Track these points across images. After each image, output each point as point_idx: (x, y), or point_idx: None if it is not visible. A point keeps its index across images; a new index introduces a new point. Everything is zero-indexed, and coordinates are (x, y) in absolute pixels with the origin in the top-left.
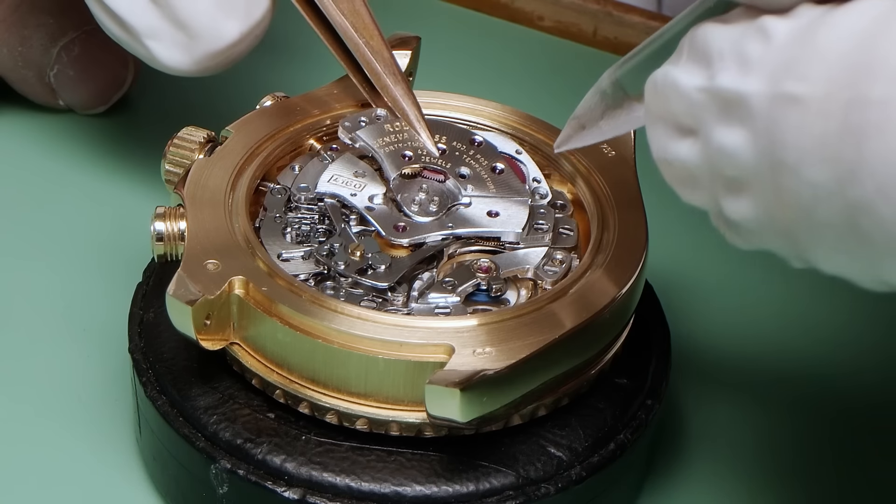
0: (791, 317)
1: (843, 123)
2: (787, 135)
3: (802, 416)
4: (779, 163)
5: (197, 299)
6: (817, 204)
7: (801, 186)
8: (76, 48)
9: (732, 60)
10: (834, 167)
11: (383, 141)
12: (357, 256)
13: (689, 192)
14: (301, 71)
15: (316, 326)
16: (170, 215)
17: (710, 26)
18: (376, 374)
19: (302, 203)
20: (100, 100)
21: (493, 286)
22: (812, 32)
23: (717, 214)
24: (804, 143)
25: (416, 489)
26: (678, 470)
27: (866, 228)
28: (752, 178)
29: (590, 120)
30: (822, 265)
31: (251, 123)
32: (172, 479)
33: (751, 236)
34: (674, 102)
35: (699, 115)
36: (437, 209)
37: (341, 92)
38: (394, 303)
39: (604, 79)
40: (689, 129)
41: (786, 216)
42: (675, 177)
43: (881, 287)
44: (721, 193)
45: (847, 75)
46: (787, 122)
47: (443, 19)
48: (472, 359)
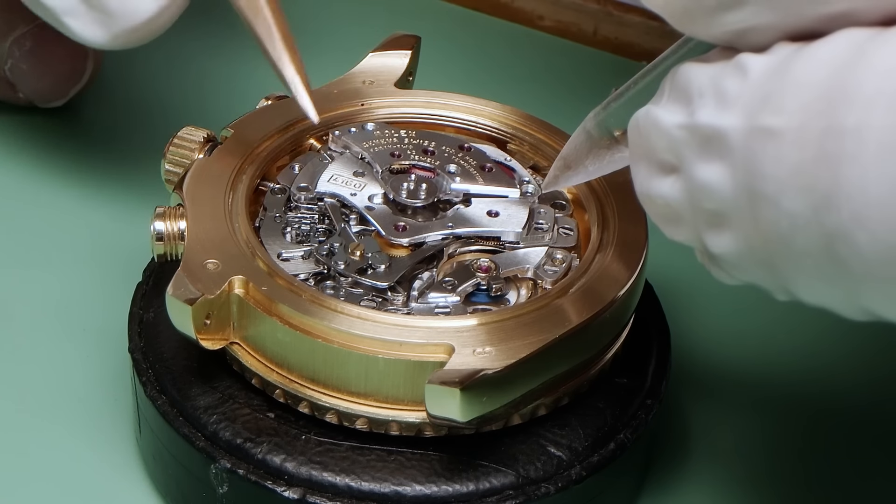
0: (792, 316)
1: (819, 153)
2: (765, 167)
3: (803, 416)
4: (757, 194)
5: (197, 299)
6: (795, 233)
7: (780, 217)
8: (28, 42)
9: (711, 97)
10: (810, 196)
11: (371, 143)
12: (357, 256)
13: (672, 228)
14: None
15: (316, 326)
16: (169, 215)
17: (689, 65)
18: (376, 374)
19: (302, 203)
20: (58, 92)
21: (492, 286)
22: (787, 66)
23: (701, 251)
24: (781, 173)
25: (416, 489)
26: (678, 469)
27: (843, 256)
28: (733, 211)
29: (576, 160)
30: (803, 296)
31: (251, 123)
32: (172, 479)
33: (734, 270)
34: (655, 140)
35: (680, 152)
36: (426, 196)
37: (341, 92)
38: (394, 302)
39: (589, 119)
40: (671, 166)
41: (766, 248)
42: (659, 214)
43: (862, 316)
44: (703, 229)
45: (821, 105)
46: (765, 155)
47: (443, 19)
48: (471, 358)
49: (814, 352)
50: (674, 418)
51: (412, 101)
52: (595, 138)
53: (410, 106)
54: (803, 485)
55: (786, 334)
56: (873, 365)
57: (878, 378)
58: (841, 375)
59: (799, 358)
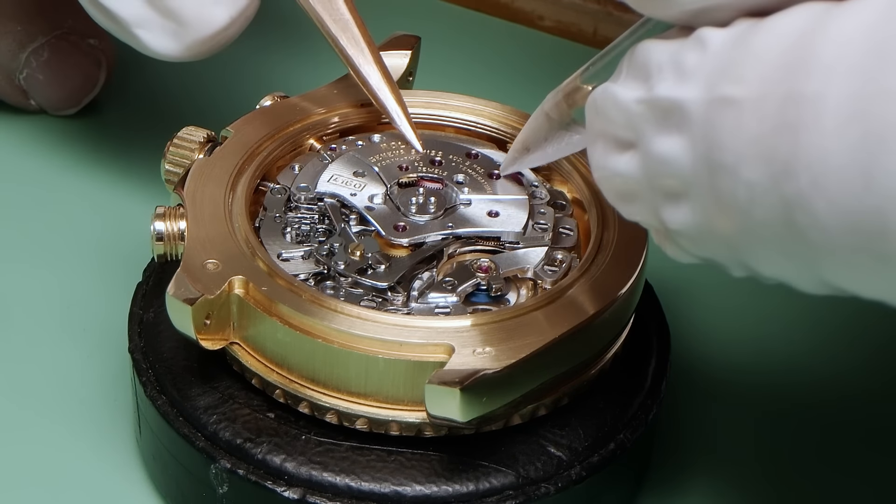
0: (791, 317)
1: (778, 121)
2: (724, 136)
3: (803, 416)
4: (716, 165)
5: (197, 299)
6: (754, 204)
7: (738, 187)
8: (45, 53)
9: (670, 71)
10: (769, 165)
11: (378, 157)
12: (357, 256)
13: (629, 207)
14: (301, 71)
15: (316, 326)
16: (170, 215)
17: (648, 42)
18: (376, 374)
19: (302, 203)
20: (71, 101)
21: (492, 286)
22: (746, 37)
23: (657, 229)
24: (740, 143)
25: (416, 489)
26: (678, 469)
27: (802, 225)
28: (691, 184)
29: (534, 143)
30: (761, 269)
31: (251, 123)
32: (172, 479)
33: (692, 245)
34: (613, 117)
35: (638, 127)
36: (436, 209)
37: (341, 92)
38: (393, 302)
39: (547, 101)
40: (628, 142)
41: (724, 220)
42: (615, 192)
43: (821, 289)
44: (660, 204)
45: (781, 74)
46: (724, 124)
47: (443, 19)
48: (471, 358)
49: (814, 351)
50: (673, 418)
51: (412, 101)
52: (553, 120)
53: (410, 106)
54: (803, 484)
55: (785, 334)
56: (873, 365)
57: (879, 378)
58: (841, 375)
59: (799, 358)
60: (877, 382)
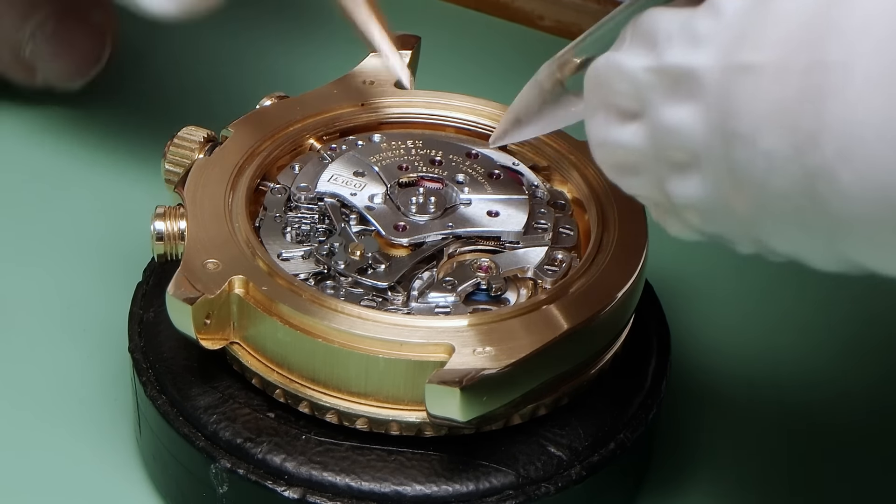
0: (792, 317)
1: (802, 88)
2: (741, 105)
3: (803, 417)
4: (731, 135)
5: (197, 298)
6: (772, 175)
7: (756, 157)
8: (50, 24)
9: (681, 38)
10: (791, 134)
11: (378, 157)
12: (357, 256)
13: (630, 180)
14: (301, 71)
15: (316, 326)
16: (170, 215)
17: (655, 11)
18: (376, 374)
19: (302, 202)
20: (78, 73)
21: (493, 286)
22: (766, 2)
23: (658, 203)
24: (759, 111)
25: (416, 488)
26: (678, 469)
27: (825, 196)
28: (702, 154)
29: (526, 115)
30: (775, 244)
31: (251, 123)
32: (172, 479)
33: (699, 220)
34: (616, 86)
35: (645, 96)
36: (436, 209)
37: (341, 92)
38: (393, 302)
39: (541, 72)
40: (632, 112)
41: (738, 192)
42: (616, 165)
43: (838, 266)
44: (667, 176)
45: (804, 40)
46: (741, 92)
47: (443, 19)
48: (471, 358)
49: (814, 351)
50: (673, 418)
51: (412, 101)
52: (547, 91)
53: (410, 106)
54: (803, 484)
55: (786, 334)
56: (874, 365)
57: (879, 378)
58: (841, 374)
59: (799, 358)
60: (878, 380)
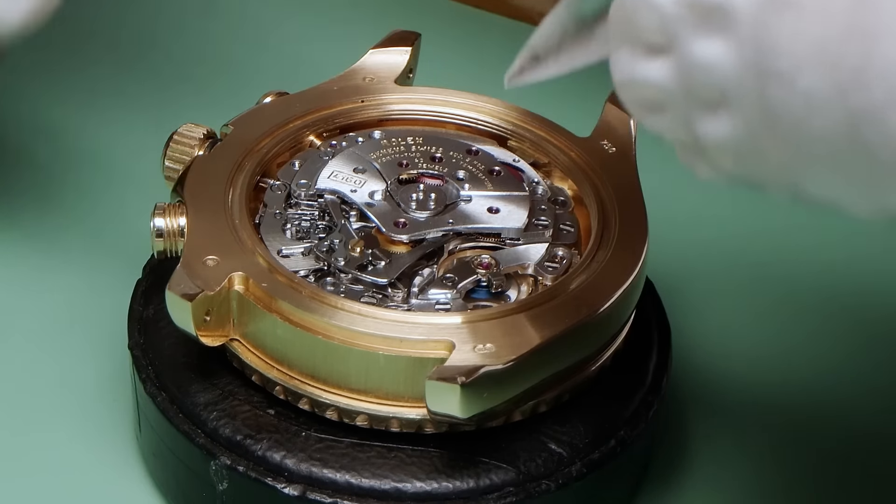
0: (793, 314)
1: (848, 25)
2: (780, 41)
3: (804, 415)
4: (767, 72)
5: (196, 295)
6: (812, 115)
7: (794, 97)
8: None
9: None
10: (834, 73)
11: (378, 153)
12: (357, 252)
13: (655, 117)
14: (300, 69)
15: (316, 322)
16: (169, 212)
17: None
18: (377, 371)
19: (302, 199)
20: None
21: (493, 282)
22: None
23: (686, 144)
24: (799, 48)
25: (417, 485)
26: (678, 467)
27: (870, 141)
28: (734, 91)
29: (546, 51)
30: (810, 189)
31: (251, 120)
32: (172, 476)
33: (728, 162)
34: (644, 19)
35: (674, 30)
36: (436, 205)
37: (340, 89)
38: (393, 299)
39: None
40: (661, 47)
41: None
42: (641, 101)
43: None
44: (695, 114)
45: None
46: (780, 28)
47: (443, 16)
48: (472, 355)
49: (815, 349)
50: (674, 415)
51: (412, 97)
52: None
53: (410, 103)
54: (803, 483)
55: (787, 332)
56: (875, 364)
57: (880, 378)
58: (843, 371)
59: (800, 356)
60: (880, 377)
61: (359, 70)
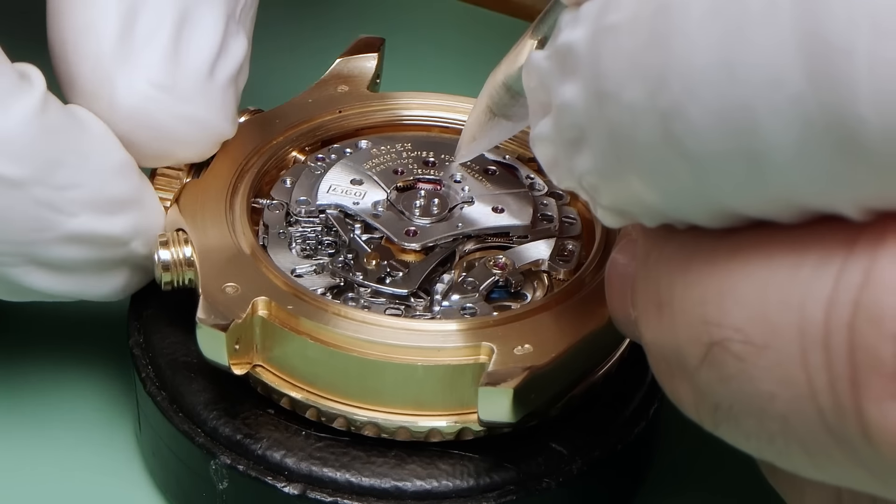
0: None
1: (650, 34)
2: (606, 64)
3: None
4: (603, 96)
5: (229, 324)
6: (637, 126)
7: (622, 113)
8: None
9: (569, 22)
10: (645, 81)
11: (371, 163)
12: (373, 265)
13: (555, 173)
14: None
15: (349, 340)
16: (174, 241)
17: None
18: (414, 383)
19: (302, 216)
20: None
21: (511, 281)
22: None
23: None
24: (620, 66)
25: (417, 484)
26: (679, 465)
27: (679, 135)
28: (587, 123)
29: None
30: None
31: (232, 140)
32: (172, 475)
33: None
34: (532, 82)
35: (548, 83)
36: (440, 210)
37: (315, 101)
38: (417, 308)
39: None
40: (547, 104)
41: (617, 154)
42: (543, 160)
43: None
44: (569, 156)
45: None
46: (605, 52)
47: (442, 14)
48: (513, 357)
49: None
50: (675, 414)
51: (390, 104)
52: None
53: (389, 109)
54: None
55: None
56: None
57: None
58: None
59: None
60: None
61: (330, 80)
